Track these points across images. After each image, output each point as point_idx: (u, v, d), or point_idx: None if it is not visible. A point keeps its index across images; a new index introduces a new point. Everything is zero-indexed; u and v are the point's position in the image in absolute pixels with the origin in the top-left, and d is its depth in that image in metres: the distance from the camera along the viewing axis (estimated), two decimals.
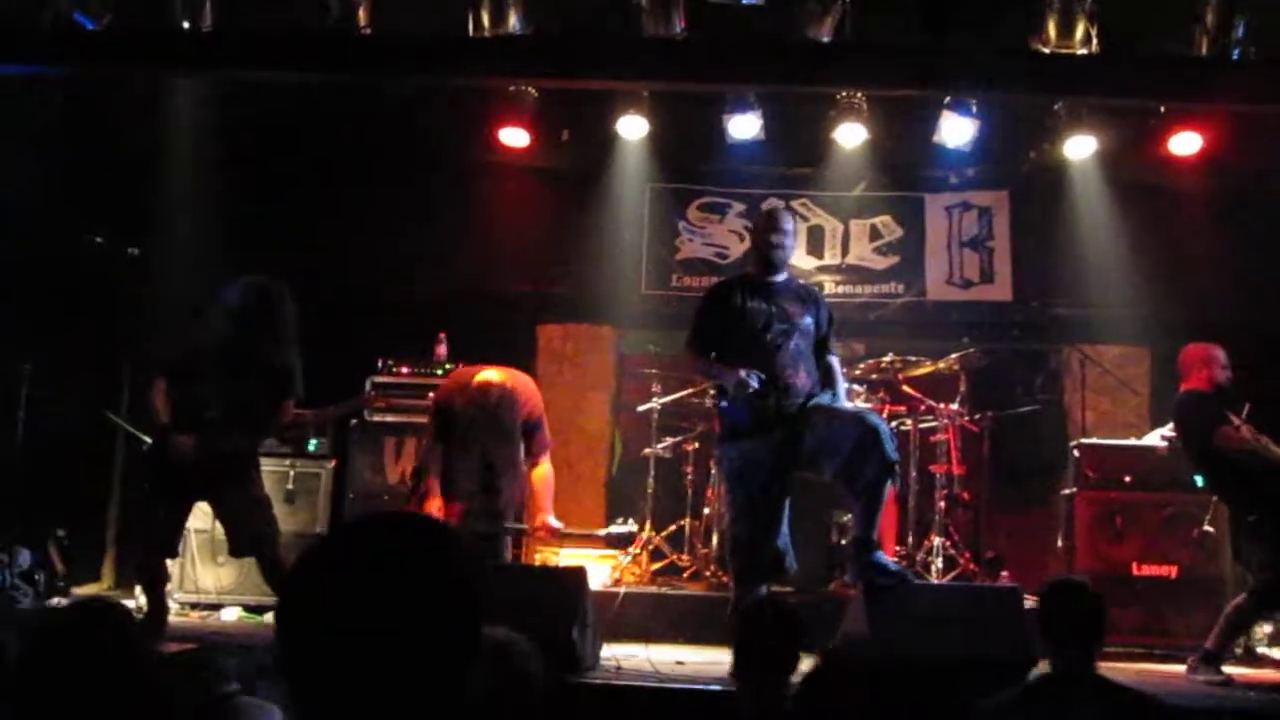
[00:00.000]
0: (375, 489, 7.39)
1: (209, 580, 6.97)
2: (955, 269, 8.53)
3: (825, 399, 5.20)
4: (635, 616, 6.12)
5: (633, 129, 7.95)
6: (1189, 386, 5.98)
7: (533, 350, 8.39)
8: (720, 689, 4.51)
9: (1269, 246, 7.59)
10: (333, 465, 7.36)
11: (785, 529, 5.13)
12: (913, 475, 7.05)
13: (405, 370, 7.51)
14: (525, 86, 7.48)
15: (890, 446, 4.84)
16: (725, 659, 4.89)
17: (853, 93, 7.55)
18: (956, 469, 7.13)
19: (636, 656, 5.30)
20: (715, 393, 5.72)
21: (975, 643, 4.60)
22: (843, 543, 6.50)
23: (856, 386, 6.98)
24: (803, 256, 8.38)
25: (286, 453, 7.15)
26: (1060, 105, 7.53)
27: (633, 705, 4.58)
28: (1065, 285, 8.33)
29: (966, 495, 7.23)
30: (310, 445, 7.32)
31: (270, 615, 5.39)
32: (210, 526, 6.39)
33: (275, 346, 5.55)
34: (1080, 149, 7.74)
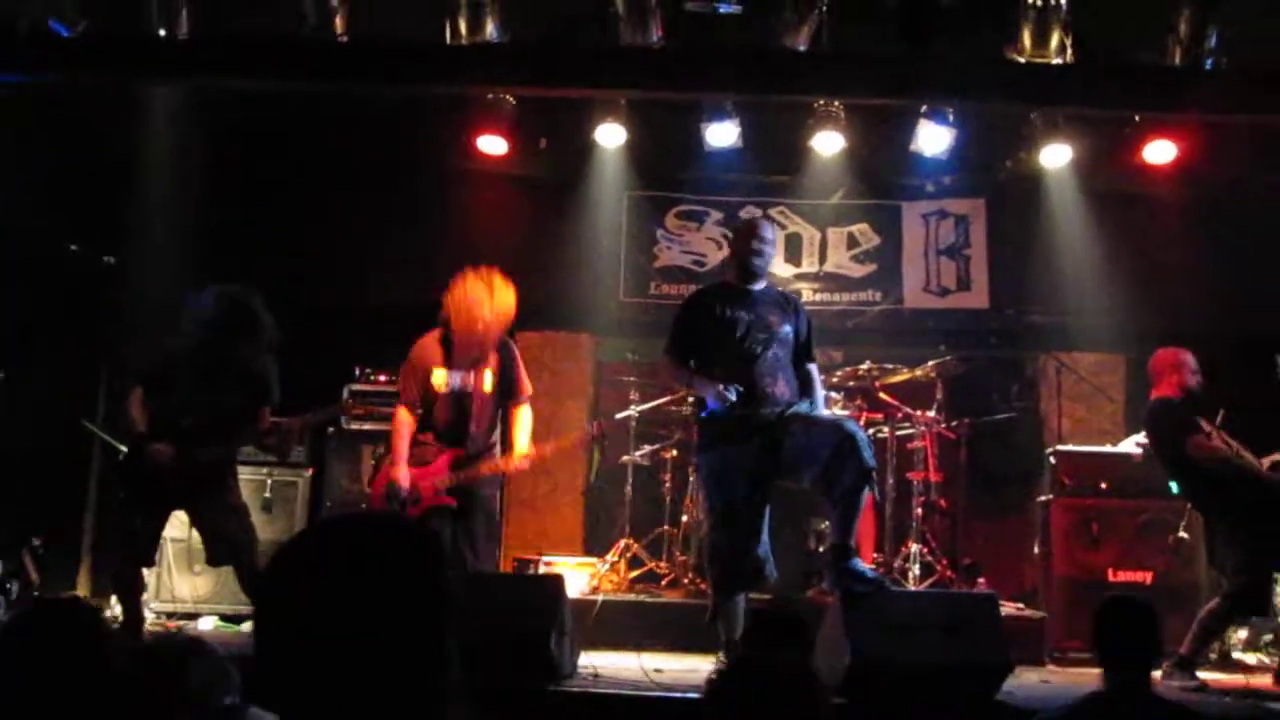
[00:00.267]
0: (353, 497, 7.37)
1: (185, 589, 6.94)
2: (932, 277, 8.56)
3: (804, 407, 5.21)
4: (614, 624, 6.10)
5: (610, 137, 7.95)
6: (1159, 394, 6.02)
7: None
8: (698, 697, 4.50)
9: (1242, 254, 7.68)
10: (310, 473, 7.35)
11: (766, 537, 5.14)
12: (890, 482, 7.04)
13: (383, 378, 7.47)
14: (503, 94, 7.44)
15: (868, 454, 4.85)
16: (704, 667, 4.90)
17: (830, 101, 7.55)
18: (934, 476, 7.14)
19: (615, 664, 5.30)
20: (694, 402, 5.72)
21: (952, 649, 4.62)
22: (820, 550, 6.51)
23: (834, 394, 7.00)
24: (780, 264, 8.37)
25: (264, 461, 7.09)
26: (1036, 114, 7.56)
27: (611, 714, 4.57)
28: (1041, 293, 8.36)
29: (943, 502, 7.24)
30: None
31: (247, 625, 5.35)
32: (186, 535, 6.36)
33: (251, 354, 5.54)
34: (1056, 158, 7.77)
